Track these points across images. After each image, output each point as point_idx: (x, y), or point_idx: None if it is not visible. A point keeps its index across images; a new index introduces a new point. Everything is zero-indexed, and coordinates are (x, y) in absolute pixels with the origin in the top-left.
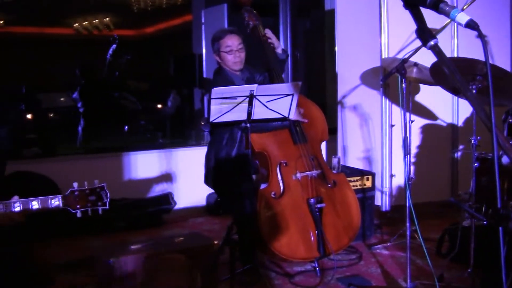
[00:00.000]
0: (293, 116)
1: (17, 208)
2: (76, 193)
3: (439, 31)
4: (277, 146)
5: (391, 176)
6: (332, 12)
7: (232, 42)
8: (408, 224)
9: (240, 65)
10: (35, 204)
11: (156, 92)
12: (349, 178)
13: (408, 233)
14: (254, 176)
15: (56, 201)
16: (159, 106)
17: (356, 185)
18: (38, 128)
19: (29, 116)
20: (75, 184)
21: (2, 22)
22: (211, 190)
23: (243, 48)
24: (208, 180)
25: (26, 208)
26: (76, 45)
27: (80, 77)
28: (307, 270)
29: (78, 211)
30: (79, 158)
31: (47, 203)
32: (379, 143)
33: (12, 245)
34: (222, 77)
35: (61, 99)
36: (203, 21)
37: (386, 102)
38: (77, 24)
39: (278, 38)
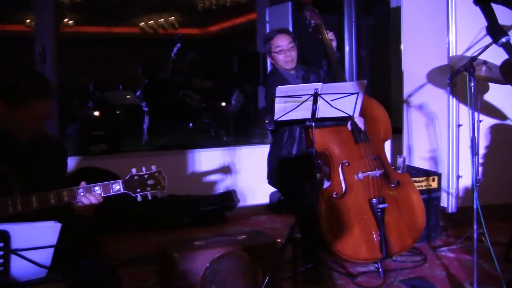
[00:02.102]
0: (357, 115)
1: (81, 193)
2: (135, 177)
3: (510, 27)
4: (339, 146)
5: (458, 177)
6: (397, 10)
7: (282, 42)
8: (475, 227)
9: (292, 64)
10: (97, 190)
11: (220, 90)
12: (414, 179)
13: (475, 236)
14: (318, 175)
15: (117, 186)
16: (223, 104)
17: (422, 186)
18: (104, 125)
19: (96, 113)
20: (133, 170)
21: (72, 22)
22: (274, 189)
23: (294, 47)
24: (271, 180)
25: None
26: (142, 43)
27: (143, 76)
28: (370, 270)
29: (138, 195)
30: (144, 155)
31: (108, 188)
32: (445, 143)
33: (82, 239)
34: (277, 77)
35: (128, 96)
36: (267, 19)
37: (453, 101)
38: (143, 23)
39: (342, 36)
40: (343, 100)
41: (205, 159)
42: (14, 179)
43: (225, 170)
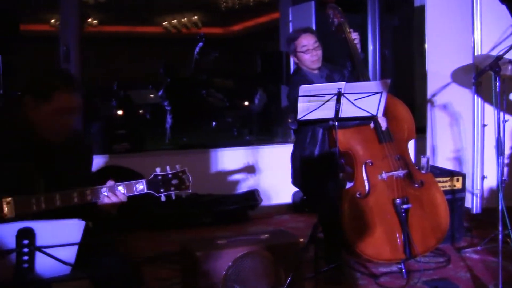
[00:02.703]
0: (381, 114)
1: (104, 193)
2: (159, 177)
3: None
4: (362, 146)
5: (483, 177)
6: (421, 8)
7: (308, 41)
8: (500, 228)
9: (318, 63)
10: (121, 189)
11: (243, 89)
12: (438, 179)
13: (500, 237)
14: (341, 175)
15: (140, 185)
16: (246, 103)
17: (446, 186)
18: (128, 123)
19: (119, 112)
20: (158, 169)
21: (95, 21)
22: (296, 188)
23: (319, 46)
24: (295, 181)
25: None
26: (166, 43)
27: (164, 76)
28: (393, 271)
29: (162, 195)
30: (167, 154)
31: (132, 187)
32: (470, 143)
33: (105, 236)
34: (301, 77)
35: (151, 96)
36: (290, 18)
37: (478, 100)
38: (166, 22)
39: (366, 35)
40: (366, 99)
41: (228, 158)
42: (39, 177)
43: (248, 169)
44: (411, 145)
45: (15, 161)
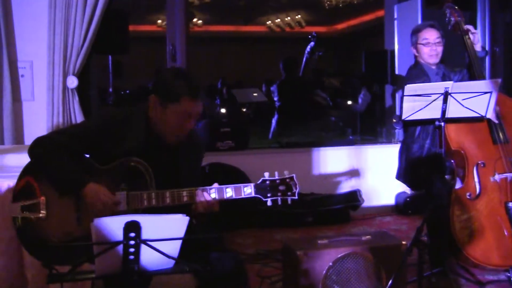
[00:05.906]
0: (490, 115)
1: (213, 194)
2: (267, 182)
3: None
4: (475, 145)
5: None
6: None
7: (430, 35)
8: None
9: (436, 59)
10: (229, 192)
11: (347, 88)
12: None
13: None
14: (447, 177)
15: (248, 189)
16: (349, 102)
17: None
18: (232, 122)
19: (223, 110)
20: (266, 174)
21: (200, 21)
22: (400, 189)
23: (441, 43)
24: (400, 175)
25: (221, 197)
26: (268, 42)
27: (282, 71)
28: (500, 279)
29: (269, 199)
30: (270, 152)
31: (240, 191)
32: None
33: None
34: (417, 70)
35: (254, 94)
36: (395, 16)
37: None
38: (270, 22)
39: None
40: (475, 99)
41: (331, 158)
42: (151, 175)
43: (351, 169)
44: None
45: (132, 157)
